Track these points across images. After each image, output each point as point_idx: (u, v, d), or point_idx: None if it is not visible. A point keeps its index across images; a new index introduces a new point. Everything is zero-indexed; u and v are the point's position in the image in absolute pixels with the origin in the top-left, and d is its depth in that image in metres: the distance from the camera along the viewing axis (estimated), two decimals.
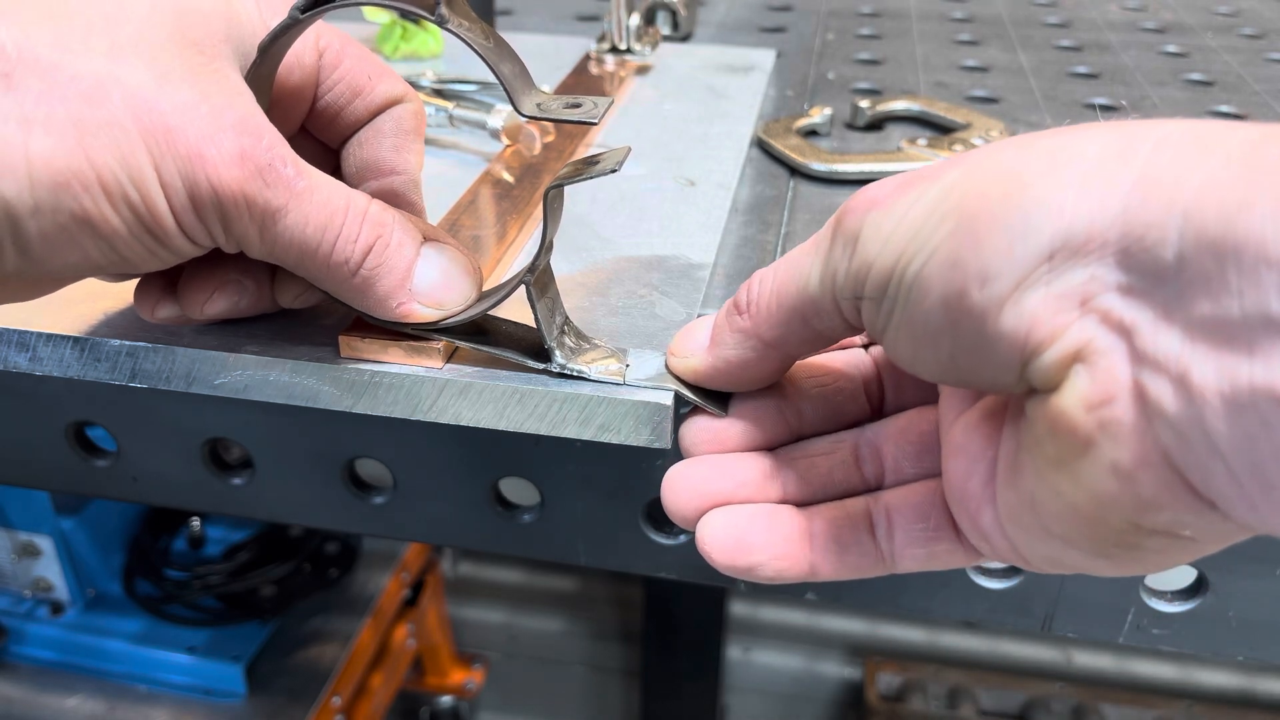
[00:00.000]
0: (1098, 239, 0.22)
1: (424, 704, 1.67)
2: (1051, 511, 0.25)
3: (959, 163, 0.26)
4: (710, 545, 0.32)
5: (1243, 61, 0.83)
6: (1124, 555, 0.25)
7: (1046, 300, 0.23)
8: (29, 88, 0.27)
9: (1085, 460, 0.23)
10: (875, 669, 1.59)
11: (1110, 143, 0.23)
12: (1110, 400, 0.22)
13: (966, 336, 0.25)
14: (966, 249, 0.24)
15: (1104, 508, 0.24)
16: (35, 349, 0.37)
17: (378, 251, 0.33)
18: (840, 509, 0.33)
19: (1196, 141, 0.22)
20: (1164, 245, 0.21)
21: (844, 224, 0.28)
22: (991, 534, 0.28)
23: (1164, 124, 0.23)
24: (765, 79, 0.69)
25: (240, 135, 0.29)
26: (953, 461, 0.29)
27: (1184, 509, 0.23)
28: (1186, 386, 0.21)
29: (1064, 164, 0.23)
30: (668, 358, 0.35)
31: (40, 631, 1.29)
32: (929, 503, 0.32)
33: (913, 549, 0.32)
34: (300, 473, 0.53)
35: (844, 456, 0.34)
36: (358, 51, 0.37)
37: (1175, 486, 0.22)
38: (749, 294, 0.31)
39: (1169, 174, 0.22)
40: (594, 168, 0.32)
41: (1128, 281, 0.22)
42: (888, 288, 0.26)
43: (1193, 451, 0.21)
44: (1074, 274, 0.23)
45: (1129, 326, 0.22)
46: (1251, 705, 1.57)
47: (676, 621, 1.60)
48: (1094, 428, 0.23)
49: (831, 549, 0.32)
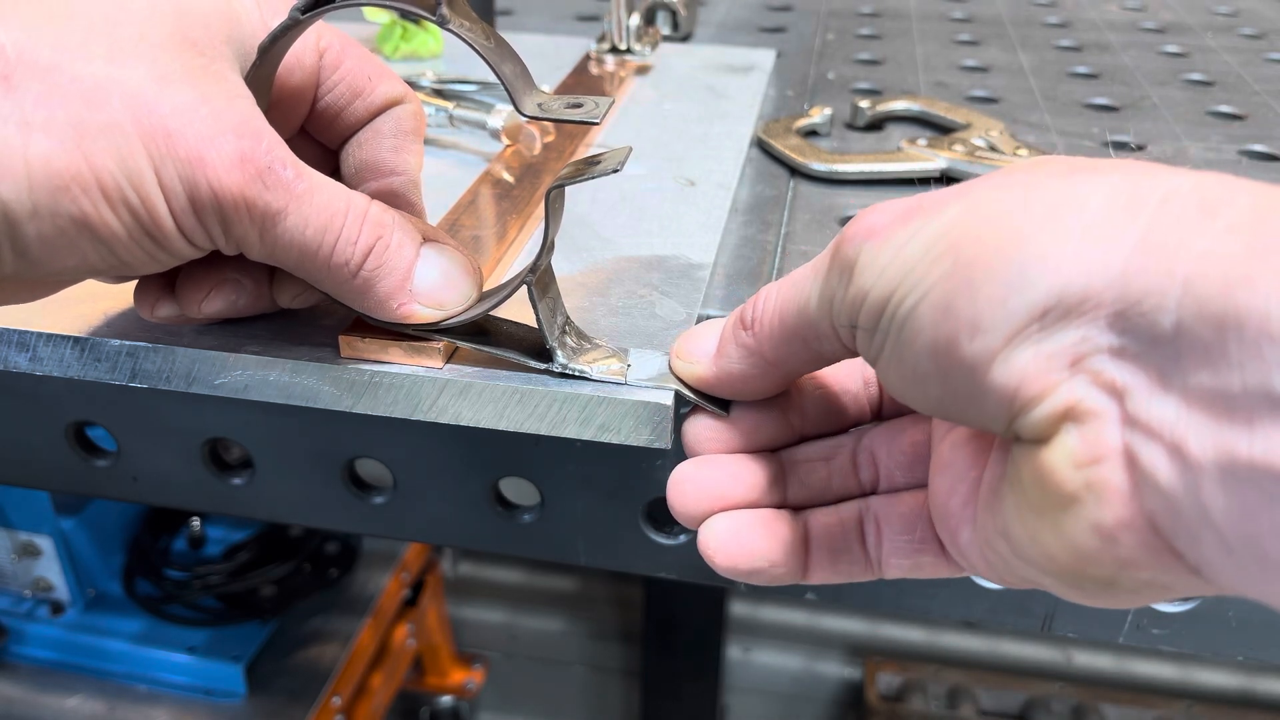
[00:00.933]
0: (1093, 300, 0.22)
1: (424, 704, 1.66)
2: (1027, 550, 0.25)
3: (961, 195, 0.25)
4: (713, 549, 0.32)
5: (1243, 61, 0.83)
6: (1100, 592, 0.25)
7: (1037, 358, 0.23)
8: (28, 90, 0.27)
9: (1067, 515, 0.23)
10: (875, 669, 1.59)
11: (1115, 196, 0.23)
12: (1099, 460, 0.22)
13: (955, 383, 0.24)
14: (960, 295, 0.24)
15: (1082, 560, 0.24)
16: (35, 349, 0.37)
17: (378, 253, 0.33)
18: (835, 515, 0.33)
19: (1201, 203, 0.22)
20: (1162, 312, 0.21)
21: (841, 251, 0.27)
22: (968, 552, 0.28)
23: (1170, 177, 0.23)
24: (765, 79, 0.69)
25: (240, 137, 0.29)
26: (938, 477, 0.29)
27: (1164, 572, 0.23)
28: (1182, 456, 0.21)
29: (1066, 215, 0.23)
30: (671, 360, 0.35)
31: (40, 631, 1.29)
32: (916, 514, 0.32)
33: (898, 558, 0.32)
34: (300, 473, 0.53)
35: (843, 463, 0.34)
36: (358, 52, 0.37)
37: (1158, 550, 0.22)
38: (754, 310, 0.31)
39: (1172, 237, 0.21)
40: (595, 168, 0.32)
41: (1120, 344, 0.22)
42: (880, 321, 0.26)
43: (1182, 520, 0.21)
44: (1066, 333, 0.22)
45: (1121, 389, 0.22)
46: (1251, 705, 1.57)
47: (676, 621, 1.60)
48: (1080, 486, 0.23)
49: (825, 555, 0.33)
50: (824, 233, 0.52)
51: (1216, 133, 0.68)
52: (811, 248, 0.50)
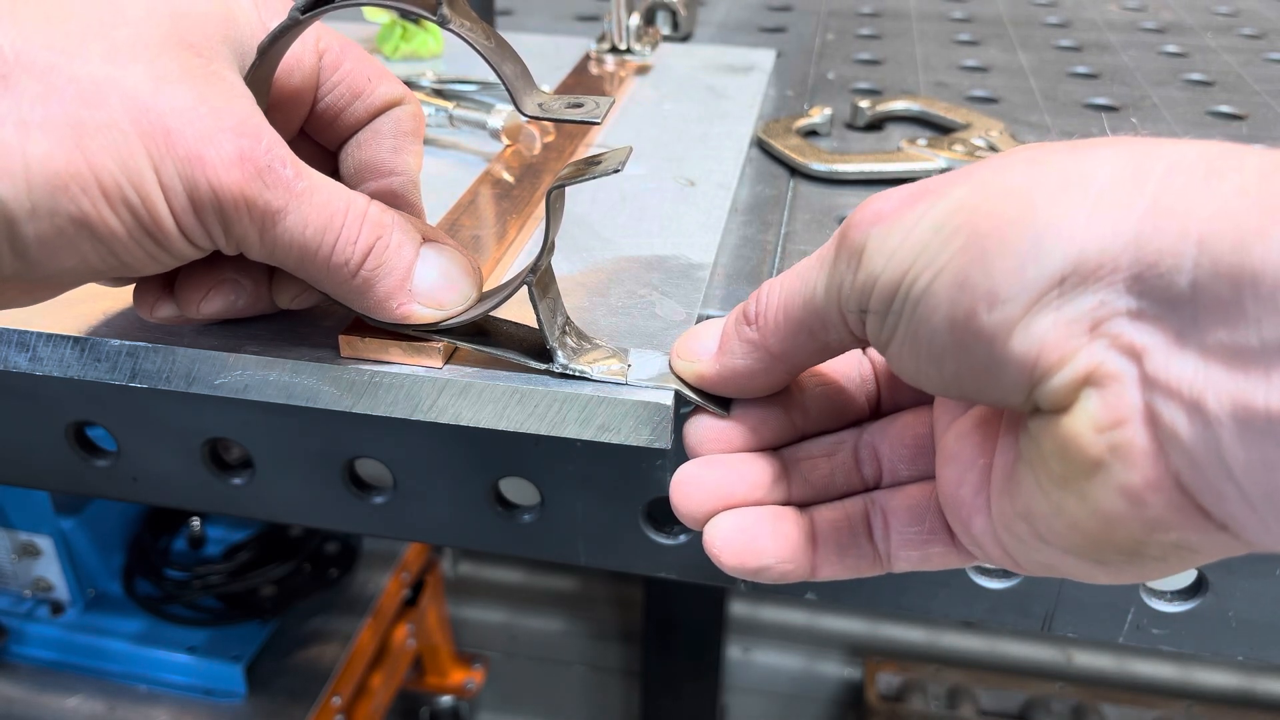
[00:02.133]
0: (1109, 264, 0.22)
1: (424, 704, 1.66)
2: (1052, 525, 0.25)
3: (966, 177, 0.26)
4: (720, 548, 0.32)
5: (1243, 61, 0.83)
6: (1124, 564, 0.25)
7: (1057, 325, 0.23)
8: (26, 90, 0.27)
9: (1093, 481, 0.23)
10: (875, 669, 1.59)
11: (1122, 165, 0.23)
12: (1121, 423, 0.22)
13: (973, 357, 0.25)
14: (975, 269, 0.24)
15: (1110, 526, 0.24)
16: (35, 349, 0.37)
17: (377, 253, 0.33)
18: (840, 510, 0.33)
19: (1209, 167, 0.22)
20: (1178, 272, 0.21)
21: (848, 237, 0.27)
22: (984, 540, 0.28)
23: (1175, 146, 0.23)
24: (765, 79, 0.69)
25: (239, 137, 0.29)
26: (946, 468, 0.29)
27: (1193, 530, 0.23)
28: (1202, 412, 0.21)
29: (1075, 186, 0.23)
30: (672, 360, 0.35)
31: (40, 631, 1.29)
32: (924, 506, 0.32)
33: (907, 551, 0.32)
34: (300, 473, 0.53)
35: (845, 459, 0.34)
36: (357, 53, 0.37)
37: (1186, 509, 0.22)
38: (757, 305, 0.31)
39: (1182, 201, 0.22)
40: (596, 168, 0.32)
41: (1138, 307, 0.22)
42: (892, 303, 0.26)
43: (1206, 476, 0.21)
44: (1084, 299, 0.23)
45: (1140, 350, 0.22)
46: (1251, 705, 1.57)
47: (676, 621, 1.60)
48: (1104, 450, 0.23)
49: (832, 551, 0.33)
50: (824, 233, 0.52)
51: (1216, 133, 0.68)
52: (811, 247, 0.50)
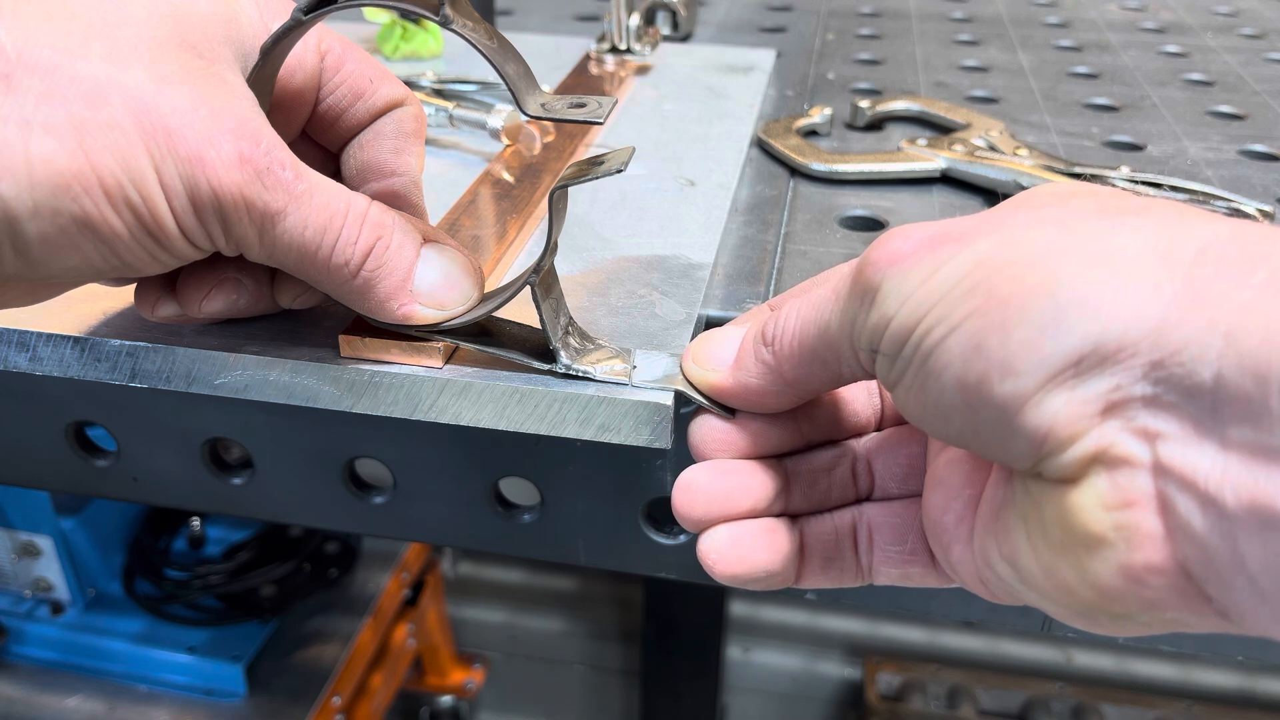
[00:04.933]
0: (1129, 348, 0.22)
1: (424, 704, 1.66)
2: (1038, 581, 0.25)
3: (992, 227, 0.25)
4: (715, 559, 0.32)
5: (1243, 61, 0.83)
6: (1108, 624, 0.25)
7: (1070, 404, 0.22)
8: (29, 89, 0.27)
9: (1094, 555, 0.23)
10: (875, 669, 1.59)
11: (1153, 243, 0.23)
12: (1130, 505, 0.22)
13: (980, 419, 0.24)
14: (992, 334, 0.23)
15: (1105, 598, 0.23)
16: (35, 349, 0.37)
17: (378, 253, 0.33)
18: (830, 523, 0.33)
19: (1241, 253, 0.21)
20: (1202, 364, 0.21)
21: (864, 275, 0.27)
22: (961, 568, 0.28)
23: (1209, 225, 0.23)
24: (765, 79, 0.69)
25: (239, 138, 0.29)
26: (933, 492, 0.30)
27: (1189, 613, 0.23)
28: (1218, 506, 0.21)
29: (1104, 261, 0.23)
30: (686, 363, 0.34)
31: (40, 631, 1.29)
32: (908, 525, 0.32)
33: (888, 567, 0.32)
34: (300, 473, 0.53)
35: (844, 473, 0.34)
36: (358, 55, 0.37)
37: (1187, 594, 0.22)
38: (775, 328, 0.31)
39: (1212, 290, 0.21)
40: (599, 168, 0.32)
41: (1154, 393, 0.22)
42: (903, 349, 0.26)
43: (1216, 568, 0.21)
44: (1101, 381, 0.22)
45: (1155, 434, 0.22)
46: (1251, 705, 1.57)
47: (676, 621, 1.60)
48: (1109, 528, 0.22)
49: (818, 561, 0.33)
50: (823, 232, 0.52)
51: (1216, 132, 0.68)
52: (811, 248, 0.51)
